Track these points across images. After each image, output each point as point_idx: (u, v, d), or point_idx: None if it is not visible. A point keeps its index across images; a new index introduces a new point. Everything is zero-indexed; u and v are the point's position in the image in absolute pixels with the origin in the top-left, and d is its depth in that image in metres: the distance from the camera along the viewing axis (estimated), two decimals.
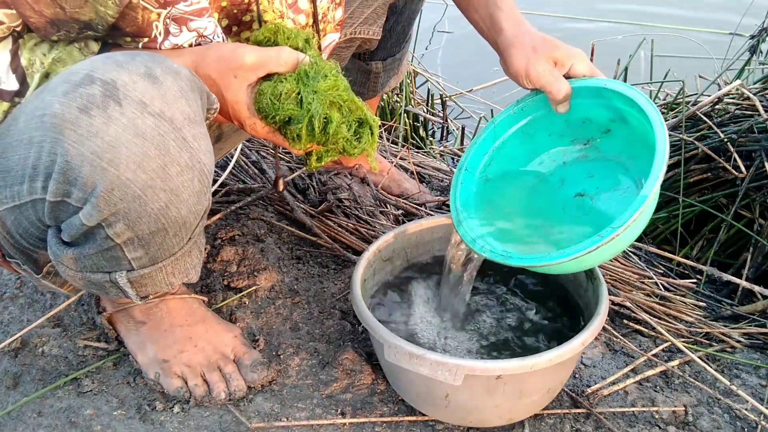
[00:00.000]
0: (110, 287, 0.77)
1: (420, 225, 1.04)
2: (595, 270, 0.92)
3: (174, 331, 0.93)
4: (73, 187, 0.66)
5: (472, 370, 0.77)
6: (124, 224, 0.69)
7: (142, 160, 0.65)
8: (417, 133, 1.85)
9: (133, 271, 0.76)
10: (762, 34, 1.55)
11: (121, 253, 0.73)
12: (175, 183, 0.68)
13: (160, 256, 0.75)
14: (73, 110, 0.62)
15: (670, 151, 0.80)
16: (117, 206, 0.67)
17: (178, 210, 0.70)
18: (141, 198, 0.67)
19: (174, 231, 0.73)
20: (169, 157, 0.67)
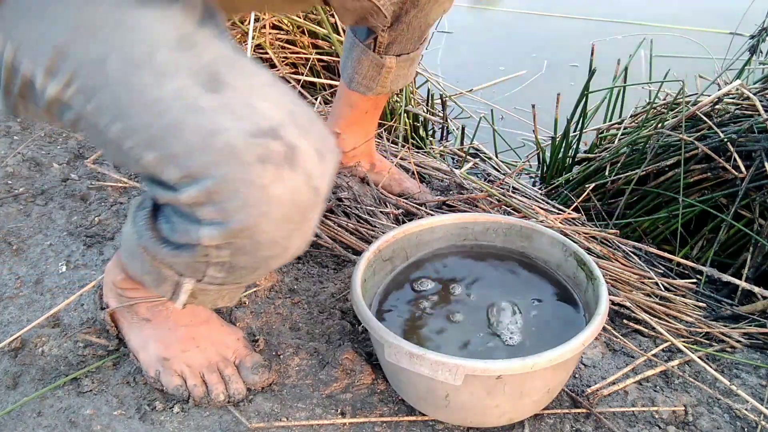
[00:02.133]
0: (169, 285, 0.79)
1: (420, 225, 1.04)
2: (595, 270, 0.92)
3: (177, 331, 0.94)
4: (211, 206, 0.65)
5: (472, 370, 0.77)
6: (229, 253, 0.69)
7: (283, 222, 0.66)
8: (417, 133, 1.85)
9: (201, 283, 0.76)
10: (762, 34, 1.54)
11: (206, 269, 0.73)
12: (291, 246, 0.70)
13: (231, 281, 0.76)
14: (251, 155, 0.63)
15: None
16: (238, 241, 0.67)
17: (275, 264, 0.73)
18: (261, 245, 0.68)
19: (259, 273, 0.76)
20: (302, 227, 0.69)
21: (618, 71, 1.73)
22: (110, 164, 1.41)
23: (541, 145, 1.73)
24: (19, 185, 1.32)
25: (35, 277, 1.11)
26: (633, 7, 2.86)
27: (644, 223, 1.42)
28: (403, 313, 0.96)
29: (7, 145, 1.43)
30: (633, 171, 1.44)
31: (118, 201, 1.30)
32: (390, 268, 1.02)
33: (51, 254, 1.16)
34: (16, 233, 1.20)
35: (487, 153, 1.79)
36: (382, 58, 1.18)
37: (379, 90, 1.23)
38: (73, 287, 1.09)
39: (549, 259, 1.02)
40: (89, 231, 1.22)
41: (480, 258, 1.06)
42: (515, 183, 1.52)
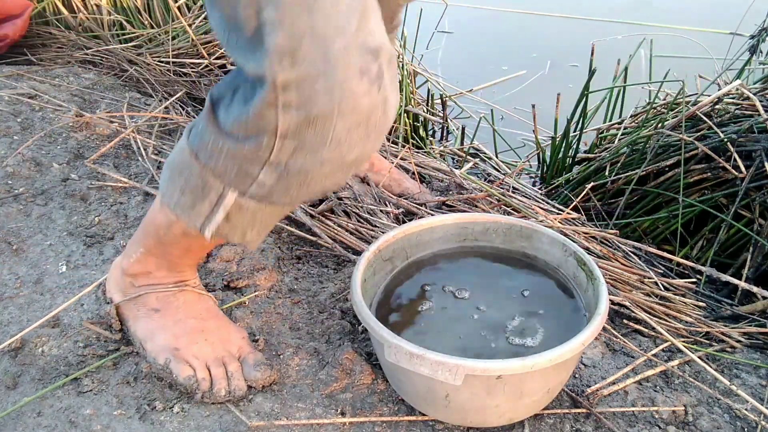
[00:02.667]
0: (208, 203, 0.79)
1: (420, 225, 1.04)
2: (595, 270, 0.92)
3: (187, 323, 0.94)
4: (297, 92, 0.67)
5: (472, 370, 0.77)
6: (294, 147, 0.71)
7: (353, 129, 0.70)
8: (417, 133, 1.85)
9: (242, 197, 0.77)
10: (762, 34, 1.54)
11: (259, 170, 0.74)
12: (348, 159, 0.73)
13: (274, 197, 0.77)
14: (356, 65, 0.68)
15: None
16: (308, 133, 0.70)
17: (329, 175, 0.74)
18: (325, 143, 0.71)
19: (307, 183, 0.75)
20: (364, 144, 0.73)
21: (618, 71, 1.73)
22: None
23: (541, 145, 1.73)
24: (19, 185, 1.32)
25: (35, 277, 1.11)
26: (633, 7, 2.86)
27: (644, 223, 1.42)
28: (403, 313, 0.96)
29: (7, 145, 1.43)
30: (633, 171, 1.44)
31: (118, 201, 1.30)
32: (390, 267, 1.02)
33: (51, 254, 1.16)
34: (16, 233, 1.20)
35: (487, 153, 1.79)
36: None
37: None
38: (73, 287, 1.09)
39: (549, 259, 1.02)
40: (89, 231, 1.22)
41: (480, 258, 1.06)
42: (515, 183, 1.52)
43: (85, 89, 1.71)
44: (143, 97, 1.75)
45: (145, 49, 1.96)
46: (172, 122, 1.56)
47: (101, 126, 1.52)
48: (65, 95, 1.66)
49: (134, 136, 1.48)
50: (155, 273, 0.95)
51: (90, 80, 1.77)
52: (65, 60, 1.93)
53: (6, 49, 1.90)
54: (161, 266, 0.95)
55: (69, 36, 2.03)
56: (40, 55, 1.95)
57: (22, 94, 1.62)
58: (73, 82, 1.75)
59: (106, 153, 1.44)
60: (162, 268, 0.95)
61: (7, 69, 1.78)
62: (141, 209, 1.27)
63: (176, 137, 1.51)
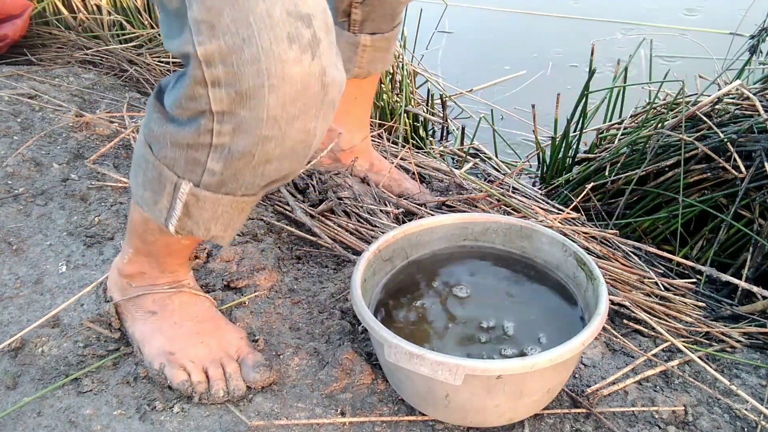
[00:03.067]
0: (167, 196, 0.78)
1: (420, 225, 1.04)
2: (595, 270, 0.92)
3: (183, 325, 0.94)
4: (224, 66, 0.65)
5: (472, 370, 0.77)
6: (231, 128, 0.69)
7: (288, 104, 0.68)
8: (417, 133, 1.85)
9: (197, 188, 0.76)
10: (762, 34, 1.54)
11: (205, 158, 0.73)
12: (289, 136, 0.70)
13: (228, 186, 0.75)
14: (283, 30, 0.65)
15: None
16: (241, 112, 0.67)
17: (273, 152, 0.71)
18: (261, 121, 0.68)
19: (253, 165, 0.73)
20: (304, 120, 0.70)
21: (618, 71, 1.73)
22: (108, 167, 1.41)
23: (541, 145, 1.73)
24: (19, 185, 1.32)
25: (35, 277, 1.11)
26: (633, 8, 2.86)
27: (644, 223, 1.42)
28: (403, 313, 0.96)
29: (7, 145, 1.43)
30: (633, 171, 1.44)
31: (118, 201, 1.30)
32: (390, 268, 1.02)
33: (51, 254, 1.16)
34: (16, 233, 1.20)
35: (487, 153, 1.79)
36: (356, 36, 1.20)
37: (357, 71, 1.24)
38: (73, 287, 1.09)
39: (549, 259, 1.02)
40: (89, 231, 1.22)
41: (480, 258, 1.06)
42: (515, 183, 1.52)
43: (85, 89, 1.72)
44: (143, 97, 1.75)
45: (145, 49, 1.96)
46: None
47: (101, 126, 1.52)
48: (65, 95, 1.66)
49: (134, 136, 1.48)
50: (149, 273, 0.95)
51: (90, 80, 1.77)
52: (65, 60, 1.93)
53: (6, 49, 1.90)
54: (153, 266, 0.95)
55: (69, 36, 2.03)
56: (40, 55, 1.95)
57: (22, 94, 1.62)
58: (73, 82, 1.75)
59: (106, 153, 1.44)
60: (154, 268, 0.95)
61: (7, 69, 1.78)
62: None
63: None
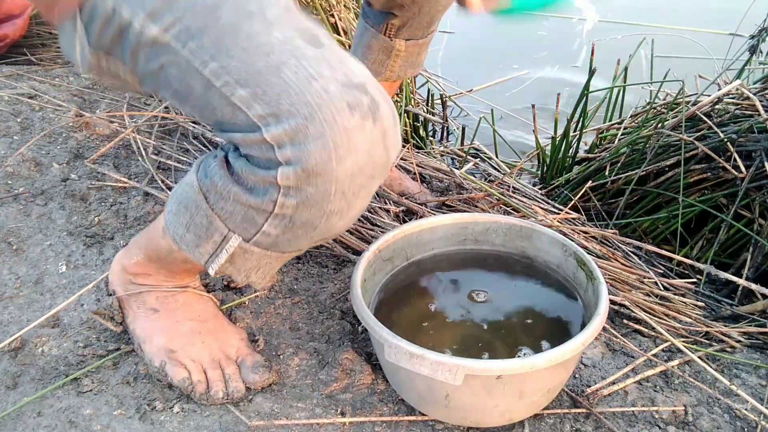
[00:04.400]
0: (212, 243, 0.79)
1: (420, 225, 1.04)
2: (595, 270, 0.92)
3: (185, 324, 0.94)
4: (292, 146, 0.66)
5: (472, 370, 0.77)
6: (296, 203, 0.70)
7: (356, 174, 0.69)
8: (417, 133, 1.85)
9: (246, 243, 0.77)
10: (762, 34, 1.54)
11: (263, 221, 0.73)
12: (354, 205, 0.72)
13: (277, 246, 0.77)
14: (342, 101, 0.66)
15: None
16: (309, 188, 0.68)
17: (337, 225, 0.73)
18: (329, 196, 0.69)
19: (313, 234, 0.74)
20: (368, 186, 0.71)
21: (618, 71, 1.73)
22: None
23: (541, 145, 1.73)
24: (19, 185, 1.32)
25: (35, 277, 1.11)
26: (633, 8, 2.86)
27: (644, 223, 1.42)
28: (403, 313, 0.96)
29: (7, 145, 1.43)
30: (633, 171, 1.44)
31: (118, 201, 1.30)
32: (390, 267, 1.02)
33: (51, 254, 1.16)
34: (16, 233, 1.20)
35: (488, 153, 1.79)
36: (392, 41, 1.21)
37: (388, 75, 1.25)
38: (73, 287, 1.09)
39: (549, 259, 1.02)
40: (89, 231, 1.22)
41: (480, 258, 1.06)
42: (515, 183, 1.52)
43: (85, 89, 1.72)
44: (143, 97, 1.75)
45: None
46: (172, 122, 1.56)
47: (101, 126, 1.52)
48: (65, 95, 1.66)
49: (134, 136, 1.48)
50: (155, 276, 0.96)
51: (90, 80, 1.77)
52: (65, 60, 1.93)
53: (6, 49, 1.90)
54: (160, 272, 0.95)
55: None
56: (40, 55, 1.95)
57: (22, 94, 1.62)
58: (73, 82, 1.75)
59: (106, 153, 1.44)
60: (161, 274, 0.95)
61: (7, 69, 1.78)
62: (141, 209, 1.27)
63: (176, 137, 1.51)
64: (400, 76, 1.27)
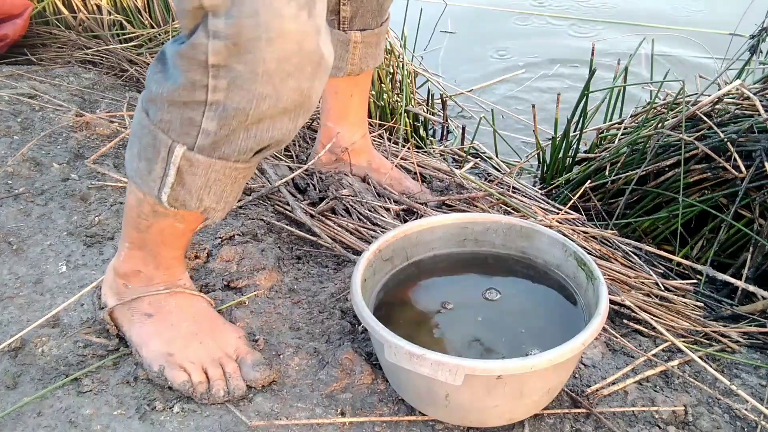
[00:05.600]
0: (160, 159, 0.79)
1: (420, 225, 1.04)
2: (595, 270, 0.92)
3: (181, 326, 0.94)
4: (226, 18, 0.68)
5: (472, 370, 0.77)
6: (226, 83, 0.71)
7: (284, 60, 0.70)
8: (417, 133, 1.85)
9: (192, 151, 0.77)
10: (762, 34, 1.54)
11: (200, 118, 0.74)
12: (283, 96, 0.72)
13: (222, 149, 0.77)
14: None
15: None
16: (237, 66, 0.70)
17: (267, 112, 0.73)
18: (257, 76, 0.70)
19: (248, 124, 0.75)
20: (299, 80, 0.72)
21: (618, 71, 1.73)
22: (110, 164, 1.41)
23: (541, 144, 1.73)
24: (19, 185, 1.32)
25: (35, 277, 1.11)
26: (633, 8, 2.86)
27: (644, 223, 1.42)
28: (403, 313, 0.96)
29: (7, 145, 1.43)
30: (633, 171, 1.44)
31: (118, 201, 1.30)
32: (390, 267, 1.02)
33: (51, 254, 1.16)
34: (16, 233, 1.20)
35: (488, 153, 1.79)
36: (346, 34, 1.22)
37: (350, 68, 1.26)
38: (73, 287, 1.09)
39: (549, 259, 1.02)
40: (89, 231, 1.22)
41: (480, 258, 1.06)
42: (515, 183, 1.52)
43: (85, 89, 1.72)
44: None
45: (145, 49, 1.95)
46: None
47: (101, 126, 1.52)
48: (65, 95, 1.66)
49: None
50: (144, 271, 0.95)
51: (90, 80, 1.77)
52: (65, 60, 1.93)
53: (6, 49, 1.90)
54: (147, 262, 0.94)
55: (69, 36, 2.03)
56: (40, 55, 1.95)
57: (22, 94, 1.62)
58: (73, 82, 1.75)
59: (106, 153, 1.44)
60: (149, 265, 0.95)
61: (7, 69, 1.78)
62: None
63: None
64: (362, 68, 1.27)
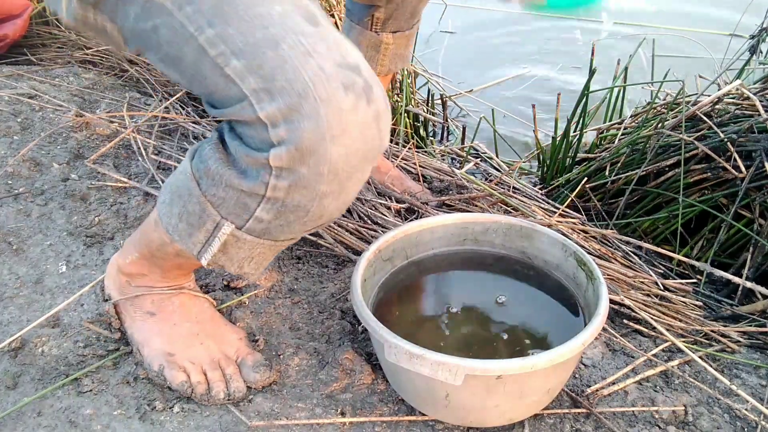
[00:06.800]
0: (204, 231, 0.78)
1: (420, 225, 1.04)
2: (595, 270, 0.92)
3: (182, 327, 0.94)
4: (285, 125, 0.66)
5: (472, 370, 0.77)
6: (288, 185, 0.69)
7: (349, 155, 0.68)
8: (417, 133, 1.85)
9: (239, 230, 0.76)
10: (762, 34, 1.54)
11: (255, 206, 0.73)
12: (346, 188, 0.71)
13: (269, 233, 0.76)
14: (337, 80, 0.66)
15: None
16: (301, 169, 0.67)
17: (328, 208, 0.72)
18: (321, 177, 0.68)
19: (305, 219, 0.73)
20: (362, 169, 0.71)
21: (618, 71, 1.73)
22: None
23: (541, 144, 1.73)
24: (19, 185, 1.32)
25: (35, 277, 1.11)
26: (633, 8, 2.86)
27: (644, 223, 1.42)
28: (404, 313, 0.96)
29: (7, 145, 1.43)
30: (633, 171, 1.44)
31: (118, 201, 1.30)
32: (390, 267, 1.02)
33: (51, 254, 1.16)
34: (16, 233, 1.20)
35: (488, 153, 1.79)
36: (378, 35, 1.22)
37: (379, 69, 1.26)
38: (73, 287, 1.09)
39: (549, 259, 1.02)
40: (89, 231, 1.22)
41: (480, 258, 1.06)
42: (515, 183, 1.52)
43: (85, 89, 1.71)
44: (143, 97, 1.75)
45: None
46: (172, 122, 1.56)
47: (101, 126, 1.52)
48: (65, 95, 1.66)
49: (134, 136, 1.48)
50: (150, 276, 0.95)
51: (90, 80, 1.77)
52: (65, 60, 1.93)
53: (6, 49, 1.90)
54: (155, 272, 0.95)
55: (69, 36, 2.03)
56: (40, 55, 1.95)
57: (22, 94, 1.62)
58: (73, 82, 1.75)
59: (106, 153, 1.44)
60: (156, 273, 0.95)
61: (7, 69, 1.78)
62: (141, 209, 1.27)
63: (176, 137, 1.51)
64: (390, 70, 1.27)
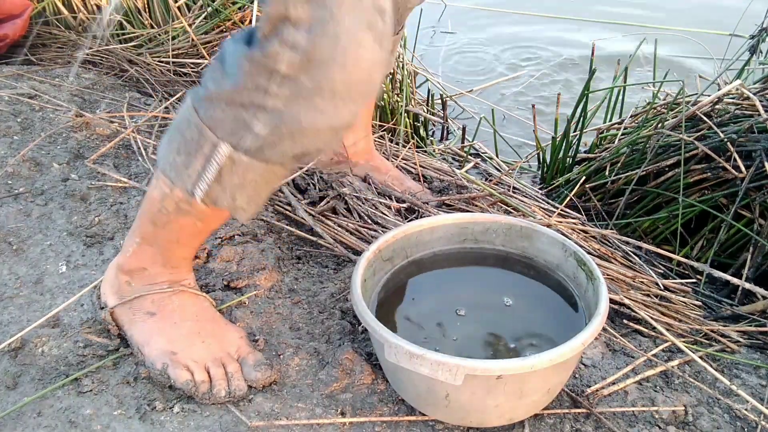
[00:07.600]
0: (202, 154, 0.79)
1: (420, 225, 1.04)
2: (595, 270, 0.92)
3: (183, 325, 0.94)
4: (306, 32, 0.69)
5: (472, 370, 0.77)
6: (289, 92, 0.72)
7: (351, 83, 0.72)
8: (417, 133, 1.85)
9: (235, 151, 0.78)
10: (762, 34, 1.54)
11: (253, 118, 0.75)
12: (339, 113, 0.74)
13: (262, 151, 0.77)
14: (365, 18, 0.70)
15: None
16: (305, 79, 0.71)
17: (318, 124, 0.75)
18: (321, 91, 0.71)
19: (299, 135, 0.76)
20: (356, 101, 0.74)
21: (618, 71, 1.73)
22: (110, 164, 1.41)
23: (541, 145, 1.73)
24: (19, 185, 1.32)
25: (35, 277, 1.11)
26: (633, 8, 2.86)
27: (644, 223, 1.42)
28: (404, 313, 0.96)
29: (7, 145, 1.43)
30: (633, 171, 1.44)
31: (118, 201, 1.30)
32: (390, 267, 1.02)
33: (51, 254, 1.16)
34: (16, 233, 1.20)
35: (488, 153, 1.79)
36: None
37: None
38: (73, 287, 1.09)
39: (549, 259, 1.02)
40: (89, 231, 1.22)
41: (480, 258, 1.06)
42: (515, 183, 1.52)
43: (85, 89, 1.72)
44: (143, 97, 1.75)
45: (145, 49, 1.96)
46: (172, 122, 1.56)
47: (101, 126, 1.52)
48: (65, 95, 1.66)
49: (134, 136, 1.48)
50: (150, 269, 0.95)
51: (90, 80, 1.77)
52: (65, 60, 1.93)
53: (6, 49, 1.90)
54: (156, 260, 0.94)
55: (69, 36, 2.03)
56: (40, 55, 1.95)
57: (22, 94, 1.62)
58: (73, 82, 1.75)
59: (106, 153, 1.44)
60: (157, 263, 0.95)
61: (7, 69, 1.78)
62: None
63: None
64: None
